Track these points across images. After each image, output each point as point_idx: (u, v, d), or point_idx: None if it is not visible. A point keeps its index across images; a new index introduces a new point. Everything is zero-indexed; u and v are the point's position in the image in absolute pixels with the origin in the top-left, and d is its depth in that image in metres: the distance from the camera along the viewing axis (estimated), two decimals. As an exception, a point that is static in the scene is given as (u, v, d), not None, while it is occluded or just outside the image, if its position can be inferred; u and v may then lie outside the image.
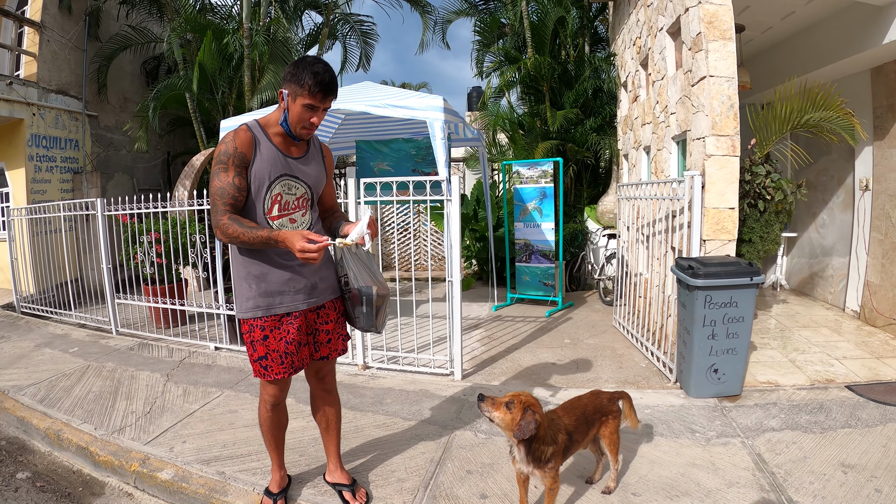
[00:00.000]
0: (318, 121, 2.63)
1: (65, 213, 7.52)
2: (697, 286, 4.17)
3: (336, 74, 2.65)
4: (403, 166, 7.20)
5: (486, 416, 2.53)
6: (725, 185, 4.77)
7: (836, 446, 3.55)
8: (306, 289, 2.78)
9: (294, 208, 2.75)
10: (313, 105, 2.57)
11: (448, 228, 5.02)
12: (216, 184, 2.57)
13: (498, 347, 6.08)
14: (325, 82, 2.54)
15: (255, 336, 2.73)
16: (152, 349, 6.34)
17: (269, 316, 2.71)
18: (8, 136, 10.08)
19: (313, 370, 3.03)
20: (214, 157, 2.62)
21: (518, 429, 2.47)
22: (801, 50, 6.93)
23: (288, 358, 2.75)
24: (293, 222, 2.74)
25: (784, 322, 6.55)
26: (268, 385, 2.85)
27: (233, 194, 2.57)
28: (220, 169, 2.57)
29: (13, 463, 4.02)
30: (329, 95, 2.59)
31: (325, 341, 2.93)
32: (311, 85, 2.52)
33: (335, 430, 3.17)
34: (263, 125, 2.70)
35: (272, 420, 2.98)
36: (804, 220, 7.95)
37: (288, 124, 2.64)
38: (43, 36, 10.19)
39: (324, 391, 3.10)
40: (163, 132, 12.27)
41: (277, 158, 2.67)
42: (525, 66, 9.80)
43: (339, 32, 12.96)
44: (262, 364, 2.75)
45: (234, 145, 2.57)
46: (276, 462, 3.13)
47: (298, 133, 2.65)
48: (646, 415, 4.08)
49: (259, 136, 2.65)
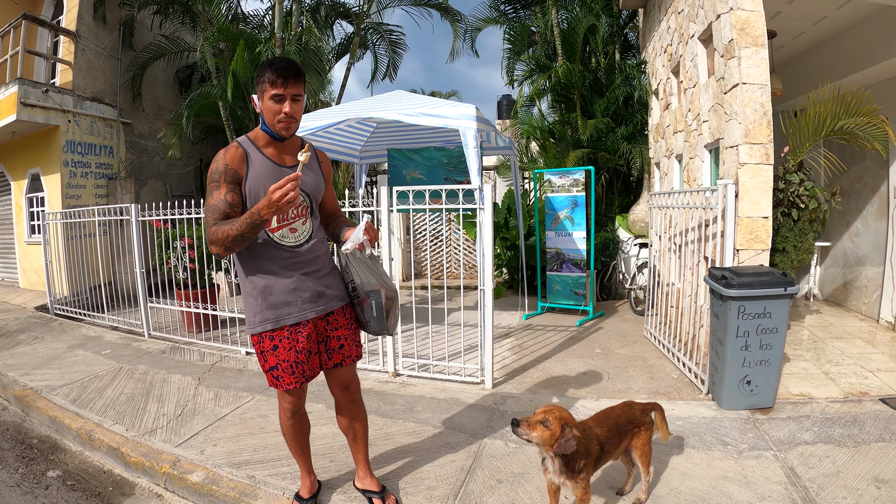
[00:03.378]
0: (290, 110, 2.61)
1: (99, 218, 7.67)
2: (731, 296, 4.12)
3: (295, 63, 2.64)
4: (435, 174, 7.22)
5: (525, 439, 2.52)
6: (759, 194, 4.72)
7: (870, 460, 3.48)
8: (313, 297, 2.78)
9: (293, 217, 2.74)
10: (278, 94, 2.57)
11: (480, 237, 5.02)
12: (209, 202, 2.59)
13: (528, 356, 6.05)
14: (282, 67, 2.55)
15: (265, 347, 2.74)
16: (184, 353, 6.43)
17: (277, 328, 2.73)
18: (44, 143, 10.33)
19: (336, 380, 3.02)
20: (208, 177, 2.64)
21: (559, 447, 2.47)
22: (833, 55, 6.83)
23: (299, 367, 2.76)
24: (294, 232, 2.74)
25: (817, 333, 6.44)
26: (283, 394, 2.87)
27: (224, 210, 2.57)
28: (213, 187, 2.60)
29: (45, 461, 4.11)
30: (290, 78, 2.57)
31: (336, 348, 2.93)
32: (269, 75, 2.55)
33: (363, 439, 3.18)
34: (253, 139, 2.72)
35: (293, 427, 2.99)
36: (837, 228, 7.81)
37: (267, 126, 2.65)
38: (78, 45, 10.44)
39: (349, 402, 3.08)
40: (196, 140, 12.44)
41: (272, 170, 2.67)
42: (556, 74, 9.76)
43: (369, 42, 13.06)
44: (273, 374, 2.77)
45: (224, 162, 2.60)
46: (303, 468, 3.15)
47: (277, 130, 2.64)
48: (677, 426, 4.03)
49: (250, 150, 2.67)
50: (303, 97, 2.68)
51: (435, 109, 5.48)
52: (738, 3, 4.90)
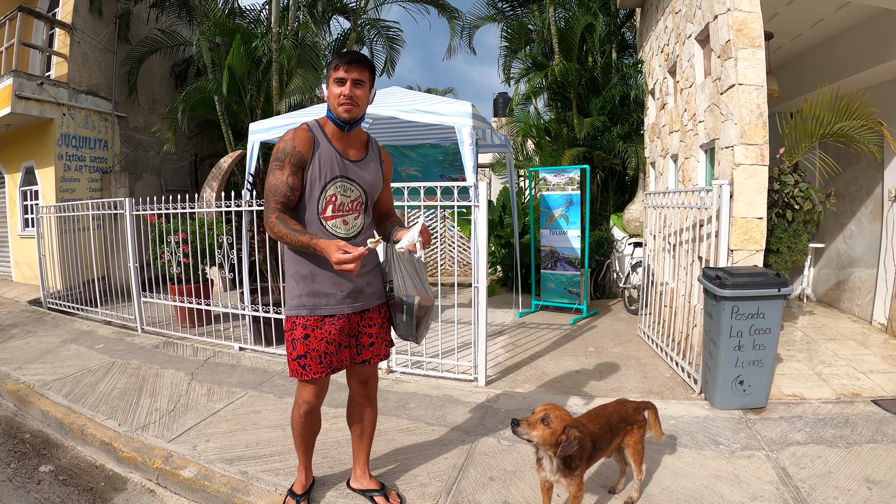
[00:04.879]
0: (349, 92, 2.63)
1: (93, 212, 7.64)
2: (725, 296, 4.13)
3: (362, 53, 2.72)
4: (431, 171, 7.22)
5: (525, 439, 2.52)
6: (754, 195, 4.73)
7: (862, 462, 3.49)
8: (353, 293, 2.79)
9: (348, 210, 2.76)
10: (340, 77, 2.62)
11: (475, 234, 5.02)
12: (270, 180, 2.63)
13: (522, 354, 6.06)
14: (345, 53, 2.64)
15: (297, 334, 2.73)
16: (177, 348, 6.41)
17: (312, 316, 2.72)
18: (38, 136, 10.28)
19: (357, 375, 3.03)
20: (273, 154, 2.66)
21: (562, 449, 2.47)
22: (830, 58, 6.84)
23: (327, 358, 2.75)
24: (346, 224, 2.75)
25: (810, 334, 6.46)
26: (304, 388, 2.83)
27: (285, 192, 2.62)
28: (276, 166, 2.63)
29: (37, 456, 4.09)
30: (352, 63, 2.62)
31: (367, 344, 2.93)
32: (334, 61, 2.63)
33: (369, 437, 3.18)
34: (322, 125, 2.75)
35: (305, 425, 2.96)
36: (832, 230, 7.84)
37: (332, 112, 2.68)
38: (73, 38, 10.38)
39: (365, 397, 3.09)
40: (191, 134, 12.43)
41: (335, 160, 2.70)
42: (552, 72, 9.77)
43: (366, 38, 13.04)
44: (300, 363, 2.74)
45: (292, 144, 2.62)
46: (303, 464, 3.13)
47: (339, 113, 2.65)
48: (670, 425, 4.04)
49: (319, 136, 2.70)
50: (366, 84, 2.70)
51: (431, 106, 5.48)
52: (735, 3, 4.90)
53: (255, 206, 5.97)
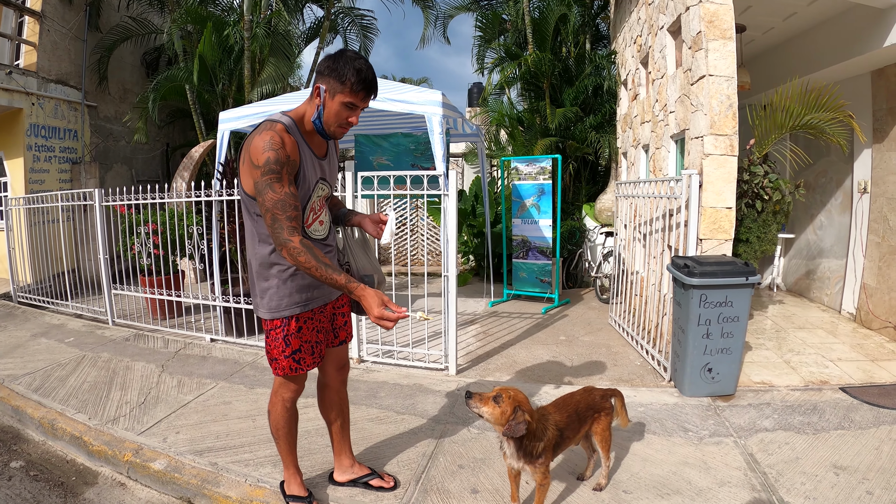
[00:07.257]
0: (355, 120, 2.51)
1: (63, 204, 7.50)
2: (693, 285, 4.17)
3: (377, 78, 2.52)
4: (402, 161, 7.19)
5: (476, 413, 2.54)
6: (723, 185, 4.77)
7: (829, 448, 3.56)
8: None
9: (320, 209, 2.69)
10: (353, 104, 2.44)
11: (445, 223, 5.02)
12: (273, 196, 2.32)
13: (493, 343, 6.08)
14: (369, 80, 2.42)
15: (290, 330, 2.64)
16: (148, 340, 6.34)
17: (306, 311, 2.68)
18: (7, 126, 10.05)
19: (335, 359, 3.01)
20: (262, 166, 2.33)
21: (508, 428, 2.48)
22: (802, 51, 6.92)
23: (318, 347, 2.75)
24: (322, 224, 2.70)
25: (780, 323, 6.55)
26: (291, 382, 2.76)
27: (294, 205, 2.36)
28: (274, 179, 2.33)
29: (7, 452, 4.03)
30: (370, 94, 2.48)
31: (342, 325, 2.96)
32: (353, 82, 2.38)
33: (348, 425, 3.18)
34: (298, 123, 2.53)
35: (290, 419, 2.86)
36: (802, 221, 7.95)
37: (322, 122, 2.48)
38: (43, 25, 10.15)
39: (342, 382, 3.09)
40: (162, 124, 12.24)
41: (315, 163, 2.59)
42: (526, 62, 9.78)
43: (339, 26, 12.93)
44: (295, 358, 2.67)
45: (285, 153, 2.36)
46: (292, 463, 2.98)
47: (333, 132, 2.52)
48: (639, 413, 4.08)
49: (299, 139, 2.50)
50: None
51: (401, 95, 5.46)
52: (706, -5, 4.93)
53: (225, 195, 5.91)
